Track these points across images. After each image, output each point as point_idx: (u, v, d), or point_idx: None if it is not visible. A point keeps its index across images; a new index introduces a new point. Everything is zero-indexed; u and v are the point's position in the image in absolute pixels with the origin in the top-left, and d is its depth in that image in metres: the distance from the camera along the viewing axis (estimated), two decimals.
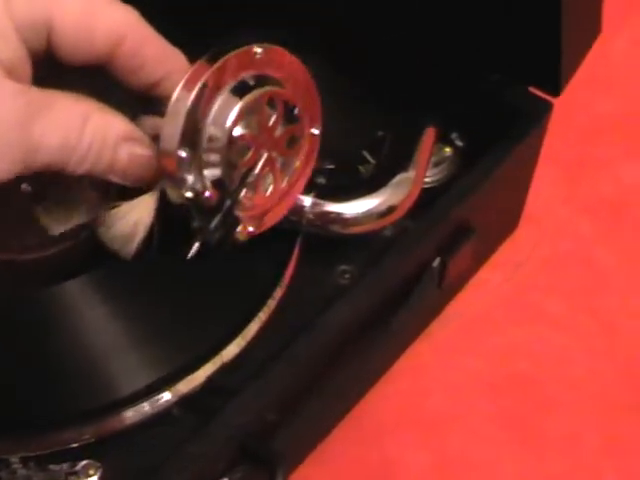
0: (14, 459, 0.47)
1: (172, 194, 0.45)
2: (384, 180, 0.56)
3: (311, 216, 0.54)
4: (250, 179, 0.46)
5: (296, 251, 0.55)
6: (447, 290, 0.66)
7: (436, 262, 0.60)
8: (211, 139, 0.44)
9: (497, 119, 0.63)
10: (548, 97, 0.64)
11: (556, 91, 0.64)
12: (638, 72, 0.87)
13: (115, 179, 0.44)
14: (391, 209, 0.56)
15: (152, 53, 0.43)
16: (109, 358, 0.48)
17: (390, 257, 0.56)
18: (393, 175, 0.56)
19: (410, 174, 0.57)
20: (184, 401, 0.50)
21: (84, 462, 0.47)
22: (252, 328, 0.53)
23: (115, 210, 0.47)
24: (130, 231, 0.47)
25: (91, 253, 0.50)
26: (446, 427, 0.63)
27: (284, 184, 0.49)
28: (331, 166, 0.59)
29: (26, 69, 0.40)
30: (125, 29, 0.41)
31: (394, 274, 0.57)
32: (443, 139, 0.62)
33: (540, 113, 0.65)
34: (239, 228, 0.47)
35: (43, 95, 0.40)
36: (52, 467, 0.47)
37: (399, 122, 0.61)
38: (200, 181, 0.45)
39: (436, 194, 0.60)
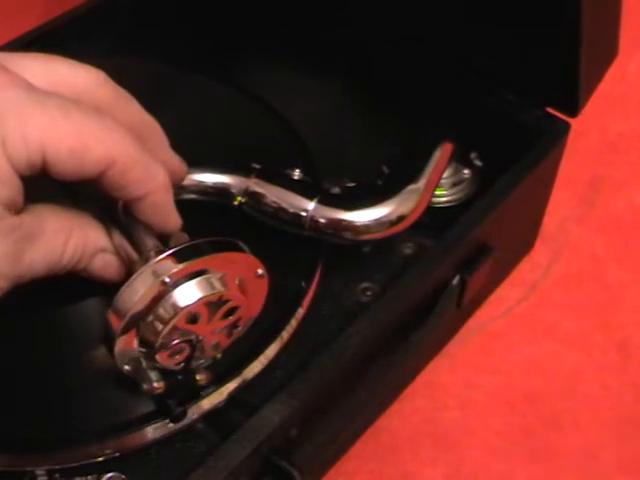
0: (40, 471, 0.47)
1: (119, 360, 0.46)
2: (395, 190, 0.56)
3: (318, 221, 0.54)
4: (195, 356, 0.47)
5: (318, 271, 0.56)
6: (465, 308, 0.66)
7: (456, 280, 0.60)
8: (154, 326, 0.45)
9: (516, 140, 0.64)
10: (565, 118, 0.65)
11: (574, 112, 0.64)
12: None
13: (89, 276, 0.47)
14: (401, 218, 0.56)
15: (137, 175, 0.44)
16: None
17: (410, 275, 0.56)
18: (404, 186, 0.56)
19: (420, 185, 0.57)
20: (208, 416, 0.50)
21: (109, 475, 0.48)
22: (274, 347, 0.53)
23: None
24: None
25: None
26: (462, 442, 0.64)
27: (231, 335, 0.49)
28: (352, 184, 0.59)
29: (21, 194, 0.42)
30: (115, 155, 0.42)
31: (414, 292, 0.57)
32: (462, 159, 0.63)
33: (558, 134, 0.65)
34: (198, 377, 0.48)
35: (33, 223, 0.43)
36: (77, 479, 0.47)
37: (417, 139, 0.61)
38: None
39: (455, 213, 0.60)
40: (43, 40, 0.71)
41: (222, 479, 0.47)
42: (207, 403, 0.50)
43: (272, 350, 0.53)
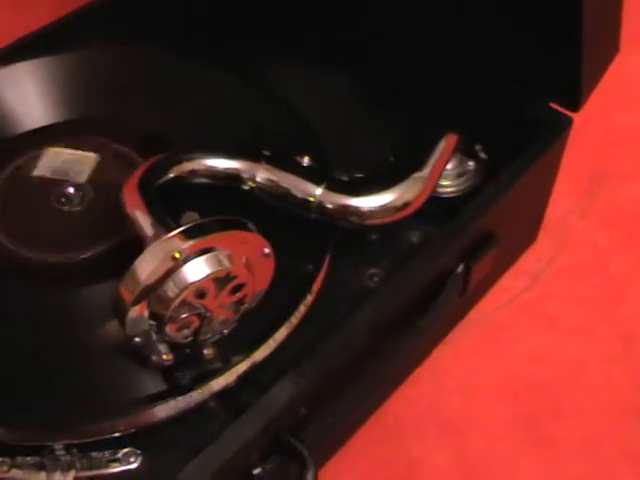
0: (58, 446, 0.48)
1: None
2: (400, 178, 0.58)
3: (325, 206, 0.56)
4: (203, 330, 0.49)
5: (327, 257, 0.57)
6: (470, 296, 0.67)
7: (460, 268, 0.61)
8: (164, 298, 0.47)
9: (519, 133, 0.65)
10: (568, 112, 0.66)
11: (575, 107, 0.66)
12: None
13: None
14: (406, 204, 0.57)
15: None
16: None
17: (416, 262, 0.58)
18: (409, 173, 0.58)
19: (424, 173, 0.58)
20: (219, 396, 0.51)
21: (125, 450, 0.49)
22: (283, 331, 0.54)
23: None
24: None
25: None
26: (466, 428, 0.65)
27: (238, 311, 0.50)
28: (360, 175, 0.61)
29: None
30: None
31: (419, 278, 0.58)
32: (467, 152, 0.64)
33: (560, 128, 0.66)
34: (206, 351, 0.50)
35: None
36: (94, 454, 0.49)
37: (424, 131, 0.63)
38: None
39: (460, 204, 0.62)
40: (55, 35, 0.73)
41: (233, 455, 0.49)
42: (218, 383, 0.51)
43: (281, 334, 0.54)
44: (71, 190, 0.58)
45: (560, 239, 0.76)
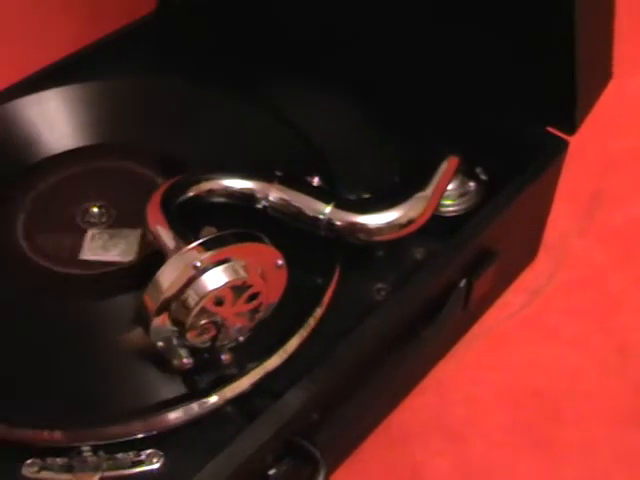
0: (85, 447, 0.51)
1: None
2: (405, 196, 0.61)
3: (333, 223, 0.59)
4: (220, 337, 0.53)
5: (336, 272, 0.60)
6: (473, 311, 0.70)
7: (462, 283, 0.64)
8: (186, 304, 0.51)
9: (518, 155, 0.68)
10: (564, 136, 0.69)
11: (571, 130, 0.69)
12: None
13: None
14: (410, 221, 0.61)
15: None
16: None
17: (420, 277, 0.61)
18: (413, 193, 0.62)
19: (427, 192, 0.62)
20: (235, 402, 0.55)
21: (148, 451, 0.52)
22: (293, 342, 0.57)
23: None
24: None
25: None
26: (468, 435, 0.68)
27: (253, 319, 0.54)
28: (367, 195, 0.64)
29: None
30: None
31: (424, 292, 0.62)
32: (468, 173, 0.67)
33: (557, 151, 0.69)
34: (223, 357, 0.54)
35: None
36: (119, 455, 0.52)
37: (427, 153, 0.66)
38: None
39: (462, 222, 0.65)
40: (77, 65, 0.77)
41: (248, 458, 0.52)
42: (233, 389, 0.55)
43: (293, 344, 0.57)
44: (95, 210, 0.62)
45: (559, 256, 0.79)
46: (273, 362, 0.56)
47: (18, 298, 0.59)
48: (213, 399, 0.54)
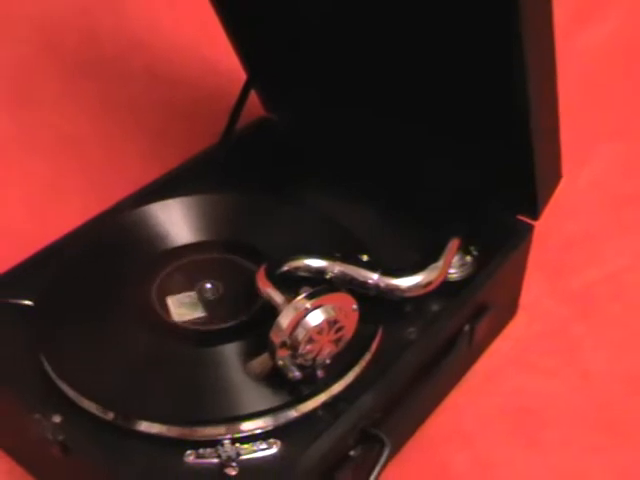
0: (226, 440, 0.68)
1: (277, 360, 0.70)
2: (424, 267, 0.79)
3: (379, 286, 0.78)
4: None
5: (381, 325, 0.79)
6: (474, 353, 0.87)
7: (467, 327, 0.81)
8: (295, 339, 0.69)
9: (499, 237, 0.84)
10: (530, 221, 0.85)
11: (535, 217, 0.85)
12: (597, 200, 1.07)
13: None
14: (429, 283, 0.79)
15: None
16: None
17: (438, 323, 0.78)
18: (430, 264, 0.80)
19: (439, 264, 0.79)
20: (323, 406, 0.73)
21: (270, 439, 0.69)
22: (358, 367, 0.73)
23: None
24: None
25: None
26: (478, 440, 0.83)
27: (337, 346, 0.72)
28: (397, 266, 0.83)
29: None
30: None
31: (441, 334, 0.78)
32: (465, 250, 0.83)
33: (525, 232, 0.86)
34: (319, 372, 0.72)
35: None
36: (247, 445, 0.68)
37: (437, 238, 0.83)
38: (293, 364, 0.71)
39: (463, 285, 0.81)
40: (166, 184, 0.94)
41: (336, 442, 0.68)
42: (325, 396, 0.72)
43: (359, 367, 0.75)
44: (209, 285, 0.84)
45: (532, 313, 0.94)
46: (349, 378, 0.72)
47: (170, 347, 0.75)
48: (312, 402, 0.70)
